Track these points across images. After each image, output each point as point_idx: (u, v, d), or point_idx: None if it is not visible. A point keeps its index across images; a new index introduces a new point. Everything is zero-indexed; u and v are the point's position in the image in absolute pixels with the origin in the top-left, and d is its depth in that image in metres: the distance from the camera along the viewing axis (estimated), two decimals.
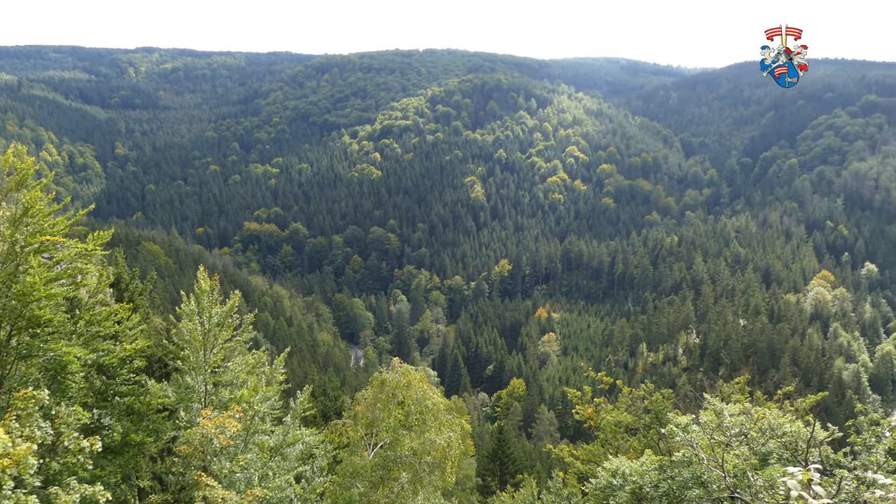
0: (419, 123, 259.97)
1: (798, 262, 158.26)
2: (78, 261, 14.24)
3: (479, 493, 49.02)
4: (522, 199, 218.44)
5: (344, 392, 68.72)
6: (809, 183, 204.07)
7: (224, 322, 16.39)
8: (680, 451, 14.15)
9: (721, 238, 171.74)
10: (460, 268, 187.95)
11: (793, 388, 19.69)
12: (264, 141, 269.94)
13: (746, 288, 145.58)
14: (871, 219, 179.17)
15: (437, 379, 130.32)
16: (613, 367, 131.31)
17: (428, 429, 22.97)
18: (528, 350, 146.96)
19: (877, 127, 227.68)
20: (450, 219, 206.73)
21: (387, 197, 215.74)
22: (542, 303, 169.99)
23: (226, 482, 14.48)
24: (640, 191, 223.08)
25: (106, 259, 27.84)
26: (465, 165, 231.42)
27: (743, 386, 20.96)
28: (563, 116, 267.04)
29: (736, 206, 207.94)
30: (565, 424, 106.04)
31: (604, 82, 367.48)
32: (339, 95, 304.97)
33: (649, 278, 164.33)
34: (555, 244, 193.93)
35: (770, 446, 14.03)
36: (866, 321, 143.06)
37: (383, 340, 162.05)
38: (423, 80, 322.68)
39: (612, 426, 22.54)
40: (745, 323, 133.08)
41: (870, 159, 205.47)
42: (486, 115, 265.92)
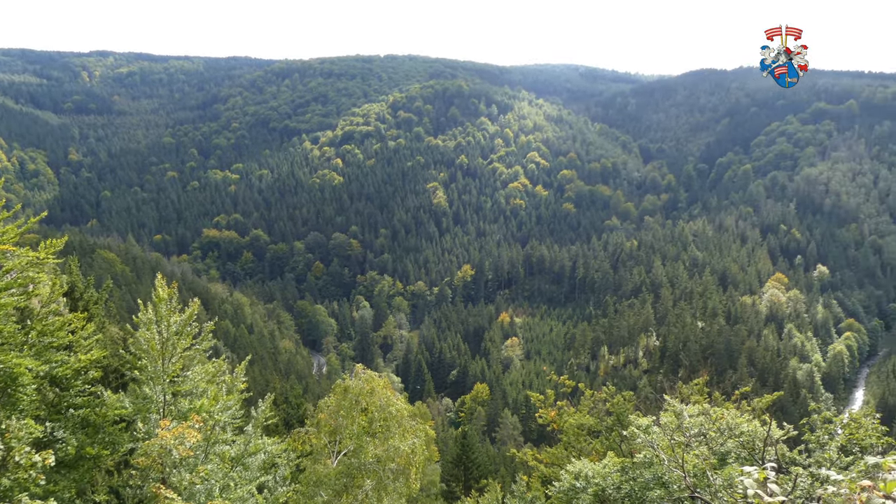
0: (381, 129, 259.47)
1: (753, 265, 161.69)
2: (29, 270, 13.82)
3: (443, 498, 48.86)
4: (484, 204, 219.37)
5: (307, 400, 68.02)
6: (763, 188, 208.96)
7: (183, 331, 16.06)
8: (641, 453, 14.29)
9: (679, 242, 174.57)
10: (423, 273, 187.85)
11: (750, 389, 20.05)
12: (224, 147, 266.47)
13: (704, 291, 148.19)
14: (822, 222, 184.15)
15: (400, 385, 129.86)
16: (575, 370, 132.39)
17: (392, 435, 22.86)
18: (491, 355, 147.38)
19: (826, 133, 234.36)
20: (412, 224, 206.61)
21: (349, 203, 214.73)
22: (505, 307, 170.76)
23: (185, 494, 14.17)
24: (600, 196, 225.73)
25: (59, 268, 27.15)
26: (428, 171, 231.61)
27: (702, 387, 21.26)
28: (524, 122, 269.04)
29: (693, 211, 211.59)
30: (529, 428, 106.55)
31: (563, 89, 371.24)
32: (300, 101, 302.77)
33: (610, 282, 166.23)
34: (517, 249, 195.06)
35: (728, 446, 14.25)
36: (819, 322, 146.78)
37: (346, 347, 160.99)
38: (384, 85, 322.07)
39: (575, 429, 22.68)
40: (703, 325, 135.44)
41: (820, 165, 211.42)
42: (448, 121, 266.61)
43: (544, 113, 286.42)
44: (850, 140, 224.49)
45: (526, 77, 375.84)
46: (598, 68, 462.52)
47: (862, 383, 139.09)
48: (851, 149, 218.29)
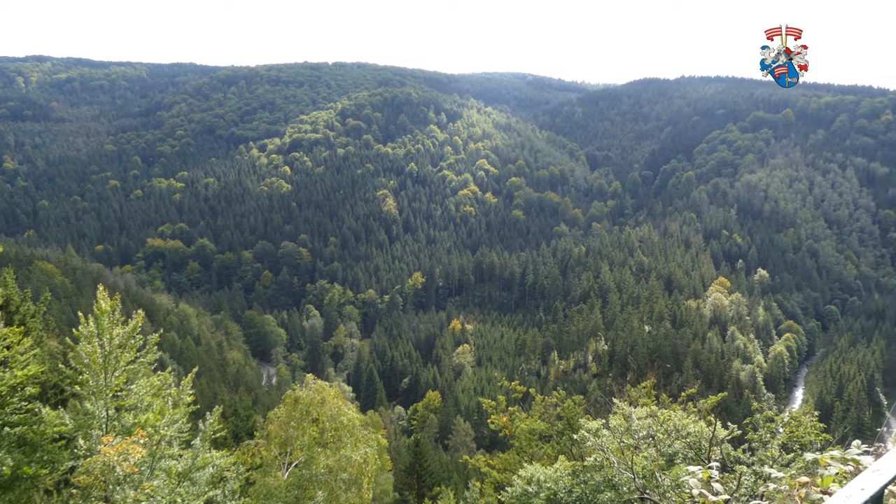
0: (329, 137, 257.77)
1: (697, 270, 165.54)
2: None
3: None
4: (434, 211, 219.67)
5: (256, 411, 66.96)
6: (706, 194, 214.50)
7: (126, 343, 15.63)
8: (592, 456, 14.44)
9: (626, 248, 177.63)
10: (374, 281, 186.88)
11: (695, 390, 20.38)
12: (168, 155, 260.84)
13: (650, 295, 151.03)
14: (762, 227, 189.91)
15: (352, 394, 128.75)
16: (527, 375, 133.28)
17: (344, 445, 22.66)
18: (443, 362, 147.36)
19: (764, 141, 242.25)
20: (362, 232, 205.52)
21: (297, 211, 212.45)
22: (456, 314, 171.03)
23: None
24: (549, 203, 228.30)
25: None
26: (377, 179, 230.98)
27: (649, 389, 21.59)
28: (473, 130, 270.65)
29: (639, 217, 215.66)
30: (481, 434, 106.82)
31: (511, 97, 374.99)
32: (247, 108, 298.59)
33: (559, 288, 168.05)
34: (467, 256, 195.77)
35: (676, 447, 14.50)
36: (760, 324, 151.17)
37: (296, 357, 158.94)
38: (333, 93, 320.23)
39: (527, 434, 22.80)
40: (650, 329, 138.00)
41: (759, 171, 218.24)
42: (397, 128, 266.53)
43: (493, 121, 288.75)
44: (787, 148, 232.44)
45: (474, 85, 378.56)
46: (545, 77, 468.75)
47: (801, 382, 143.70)
48: (788, 156, 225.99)
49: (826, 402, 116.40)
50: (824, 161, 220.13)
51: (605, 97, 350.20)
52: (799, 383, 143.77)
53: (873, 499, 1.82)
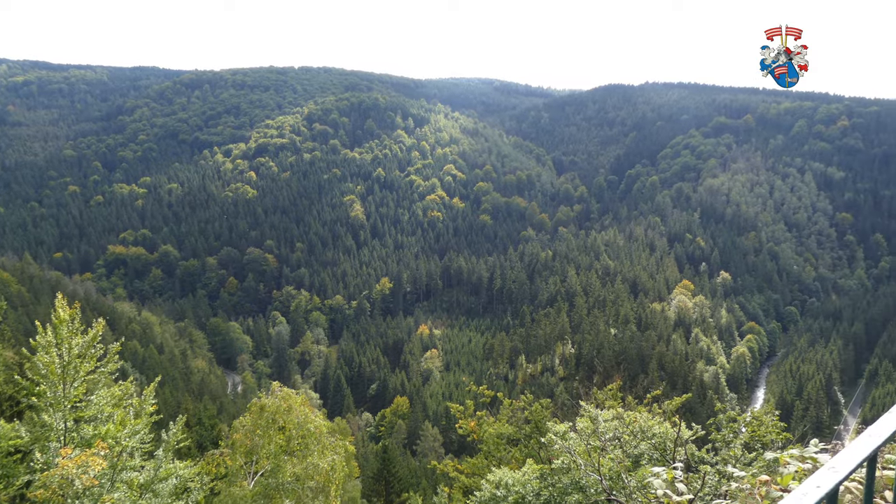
0: (296, 142, 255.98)
1: (662, 273, 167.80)
2: None
3: None
4: (402, 217, 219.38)
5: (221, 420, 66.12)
6: (670, 198, 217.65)
7: (86, 353, 15.30)
8: (559, 459, 14.51)
9: (592, 252, 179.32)
10: (341, 287, 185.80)
11: (660, 392, 20.57)
12: (130, 160, 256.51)
13: (616, 298, 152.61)
14: (724, 231, 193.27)
15: (319, 401, 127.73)
16: (494, 379, 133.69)
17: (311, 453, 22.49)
18: (411, 367, 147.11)
19: (726, 146, 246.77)
20: (329, 238, 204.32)
21: (263, 217, 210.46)
22: (424, 319, 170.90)
23: None
24: (516, 208, 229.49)
25: None
26: (344, 184, 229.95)
27: (615, 392, 21.76)
28: (441, 135, 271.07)
29: (605, 222, 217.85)
30: (449, 439, 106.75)
31: (479, 102, 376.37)
32: (211, 113, 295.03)
33: (526, 292, 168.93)
34: (435, 261, 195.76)
35: (642, 448, 14.64)
36: (723, 326, 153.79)
37: (262, 364, 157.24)
38: (299, 97, 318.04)
39: (495, 438, 22.84)
40: (615, 332, 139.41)
41: (721, 176, 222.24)
42: (365, 133, 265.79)
43: (460, 126, 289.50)
44: (748, 152, 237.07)
45: (442, 90, 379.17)
46: (511, 82, 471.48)
47: (763, 383, 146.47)
48: (749, 161, 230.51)
49: (786, 402, 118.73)
50: (784, 166, 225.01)
51: (570, 103, 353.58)
52: (760, 383, 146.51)
53: (828, 496, 1.87)
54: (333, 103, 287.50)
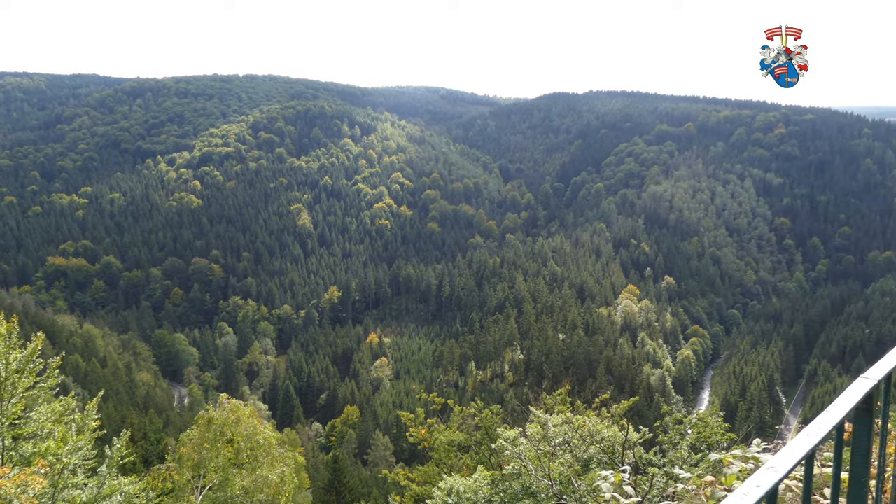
0: (241, 150, 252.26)
1: (608, 278, 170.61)
2: None
3: None
4: (350, 225, 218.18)
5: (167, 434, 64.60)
6: (615, 205, 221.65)
7: (25, 368, 14.80)
8: (510, 465, 14.61)
9: (539, 258, 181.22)
10: (289, 296, 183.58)
11: (608, 396, 20.92)
12: (70, 169, 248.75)
13: (564, 304, 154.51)
14: (668, 236, 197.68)
15: (268, 412, 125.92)
16: (445, 387, 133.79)
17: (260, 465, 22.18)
18: (360, 376, 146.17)
19: (669, 154, 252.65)
20: (276, 247, 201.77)
21: (209, 226, 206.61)
22: (374, 328, 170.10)
23: None
24: (464, 215, 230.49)
25: None
26: (291, 193, 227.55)
27: (564, 396, 21.99)
28: (388, 143, 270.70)
29: (551, 228, 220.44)
30: (400, 448, 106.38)
31: (425, 110, 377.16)
32: (154, 121, 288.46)
33: (475, 299, 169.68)
34: (383, 269, 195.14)
35: (591, 452, 14.84)
36: (668, 329, 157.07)
37: (209, 376, 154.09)
38: (244, 106, 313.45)
39: (446, 446, 22.85)
40: (563, 337, 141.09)
41: (664, 183, 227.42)
42: (311, 141, 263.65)
43: (407, 134, 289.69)
44: (690, 160, 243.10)
45: (388, 99, 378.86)
46: (458, 91, 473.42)
47: (707, 384, 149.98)
48: (691, 167, 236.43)
49: (731, 403, 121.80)
50: (724, 172, 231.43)
51: (516, 111, 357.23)
52: (705, 385, 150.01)
53: (768, 495, 1.90)
54: (279, 111, 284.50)
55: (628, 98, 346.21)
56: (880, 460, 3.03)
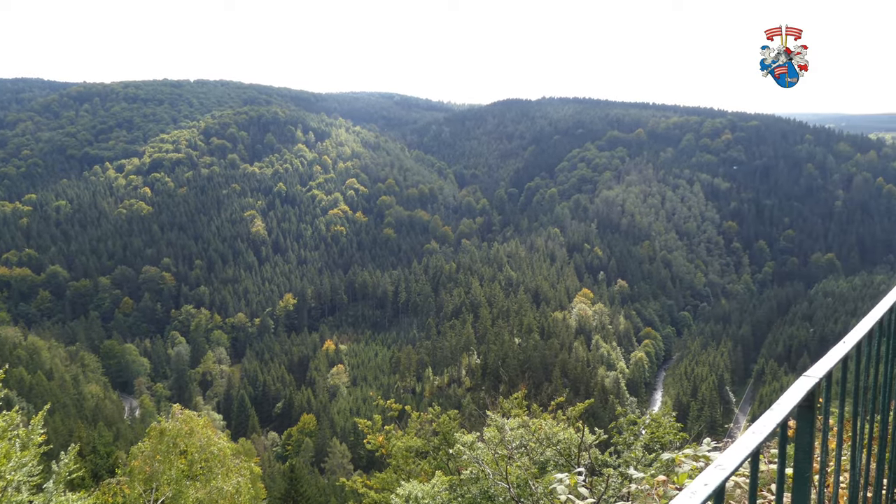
0: (193, 156, 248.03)
1: (562, 282, 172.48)
2: None
3: None
4: (305, 232, 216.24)
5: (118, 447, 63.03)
6: (568, 210, 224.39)
7: None
8: (468, 469, 14.66)
9: (495, 263, 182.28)
10: (243, 304, 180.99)
11: (564, 398, 21.05)
12: (13, 176, 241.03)
13: (519, 308, 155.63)
14: (620, 240, 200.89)
15: (223, 422, 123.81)
16: (402, 393, 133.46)
17: (214, 476, 21.83)
18: (317, 384, 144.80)
19: (620, 159, 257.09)
20: (230, 254, 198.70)
21: (160, 234, 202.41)
22: (330, 335, 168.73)
23: None
24: (419, 221, 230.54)
25: None
26: (244, 199, 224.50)
27: (521, 400, 22.14)
28: (342, 149, 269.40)
29: (506, 233, 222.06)
30: (358, 455, 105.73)
31: (380, 116, 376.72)
32: (102, 127, 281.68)
33: (431, 304, 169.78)
34: (339, 276, 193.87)
35: (548, 454, 14.98)
36: (621, 332, 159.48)
37: (162, 387, 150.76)
38: (195, 111, 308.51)
39: (403, 452, 22.79)
40: (519, 341, 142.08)
41: (616, 188, 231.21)
42: (264, 147, 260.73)
43: (362, 140, 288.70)
44: (641, 165, 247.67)
45: (342, 104, 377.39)
46: (412, 97, 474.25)
47: (660, 385, 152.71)
48: (642, 173, 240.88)
49: (683, 403, 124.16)
50: (674, 177, 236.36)
51: (470, 117, 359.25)
52: (658, 386, 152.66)
53: (716, 493, 1.94)
54: (231, 117, 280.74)
55: (580, 104, 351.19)
56: (822, 455, 3.10)
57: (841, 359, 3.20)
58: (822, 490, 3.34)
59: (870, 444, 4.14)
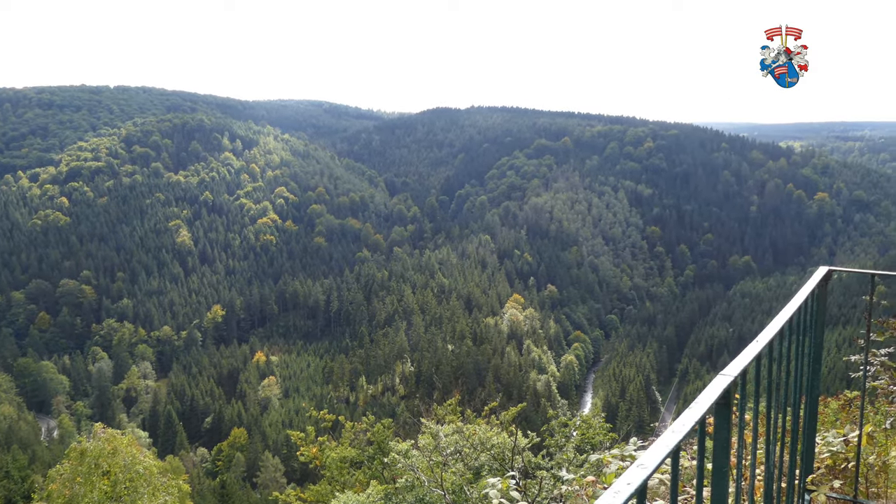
0: (114, 165, 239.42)
1: (494, 288, 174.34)
2: None
3: None
4: (233, 241, 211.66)
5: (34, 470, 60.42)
6: (498, 217, 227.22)
7: None
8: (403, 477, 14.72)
9: (427, 270, 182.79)
10: (169, 317, 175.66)
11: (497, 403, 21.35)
12: None
13: (452, 315, 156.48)
14: (549, 246, 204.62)
15: (149, 440, 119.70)
16: (336, 403, 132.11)
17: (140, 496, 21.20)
18: (248, 397, 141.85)
19: (548, 167, 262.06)
20: (154, 266, 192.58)
21: (79, 245, 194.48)
22: (260, 346, 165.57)
23: None
24: (351, 229, 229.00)
25: None
26: (169, 209, 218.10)
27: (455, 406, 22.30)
28: (271, 158, 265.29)
29: (438, 241, 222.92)
30: (291, 468, 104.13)
31: (309, 124, 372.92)
32: (14, 134, 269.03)
33: (364, 313, 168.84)
34: (269, 286, 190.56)
35: (482, 459, 15.18)
36: (552, 336, 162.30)
37: (82, 405, 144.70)
38: (116, 118, 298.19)
39: (338, 463, 22.63)
40: (453, 347, 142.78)
41: (544, 195, 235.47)
42: (190, 156, 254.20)
43: (291, 148, 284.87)
44: (568, 172, 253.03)
45: (270, 112, 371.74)
46: (342, 105, 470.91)
47: (590, 387, 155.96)
48: (569, 180, 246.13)
49: (612, 404, 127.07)
50: (599, 184, 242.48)
51: (400, 125, 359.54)
52: (588, 388, 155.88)
53: (638, 491, 2.00)
54: (155, 124, 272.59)
55: (508, 113, 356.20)
56: (739, 449, 3.24)
57: (754, 357, 3.33)
58: (739, 482, 3.41)
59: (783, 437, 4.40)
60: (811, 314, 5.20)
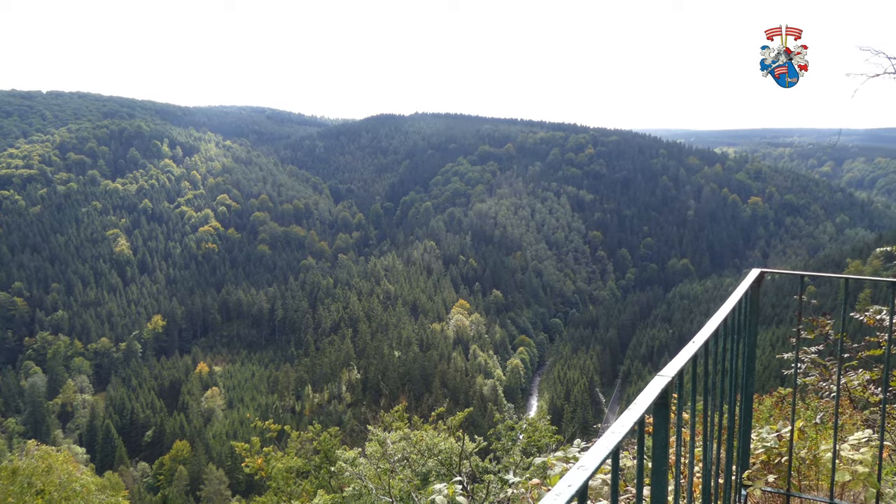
0: (47, 172, 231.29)
1: (440, 294, 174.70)
2: None
3: None
4: (174, 250, 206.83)
5: None
6: (443, 223, 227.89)
7: None
8: (350, 486, 14.68)
9: (372, 277, 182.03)
10: (107, 329, 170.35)
11: (444, 408, 21.40)
12: None
13: (398, 321, 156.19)
14: (494, 251, 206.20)
15: (86, 456, 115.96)
16: (281, 412, 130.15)
17: None
18: (190, 409, 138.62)
19: (492, 173, 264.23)
20: (91, 276, 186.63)
21: (10, 256, 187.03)
22: (203, 357, 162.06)
23: None
24: (295, 236, 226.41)
25: None
26: (107, 217, 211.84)
27: (402, 413, 22.30)
28: (212, 165, 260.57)
29: (383, 247, 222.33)
30: (236, 480, 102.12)
31: (251, 131, 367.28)
32: None
33: (309, 321, 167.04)
34: (212, 294, 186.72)
35: (430, 465, 15.26)
36: (498, 341, 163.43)
37: (14, 422, 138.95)
38: (49, 124, 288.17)
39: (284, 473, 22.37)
40: (399, 354, 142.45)
41: (489, 200, 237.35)
42: (128, 163, 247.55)
43: (233, 155, 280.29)
44: (511, 178, 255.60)
45: (211, 118, 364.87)
46: (285, 111, 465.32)
47: (536, 391, 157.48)
48: (513, 186, 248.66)
49: (557, 406, 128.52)
50: (542, 190, 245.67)
51: (344, 132, 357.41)
52: (534, 391, 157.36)
53: (579, 493, 2.02)
54: (91, 131, 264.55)
55: (452, 120, 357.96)
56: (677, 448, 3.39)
57: (691, 357, 3.38)
58: (678, 480, 3.55)
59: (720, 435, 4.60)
60: (745, 315, 5.43)
